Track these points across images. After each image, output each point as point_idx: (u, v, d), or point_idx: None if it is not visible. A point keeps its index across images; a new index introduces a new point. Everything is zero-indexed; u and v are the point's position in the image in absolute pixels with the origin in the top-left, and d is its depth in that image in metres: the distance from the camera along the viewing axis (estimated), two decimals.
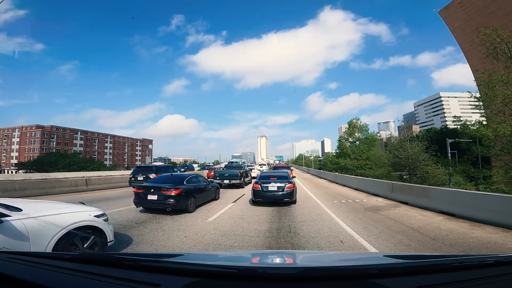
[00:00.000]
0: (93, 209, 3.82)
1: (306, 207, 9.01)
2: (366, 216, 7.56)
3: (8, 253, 1.39)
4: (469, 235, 5.52)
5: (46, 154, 72.90)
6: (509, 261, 1.18)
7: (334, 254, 3.38)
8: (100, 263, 1.25)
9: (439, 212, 7.70)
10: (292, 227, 6.24)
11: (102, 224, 3.65)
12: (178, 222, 6.83)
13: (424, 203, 8.43)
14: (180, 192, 7.75)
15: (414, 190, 9.33)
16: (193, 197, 8.36)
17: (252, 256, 2.31)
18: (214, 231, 5.92)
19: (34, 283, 1.04)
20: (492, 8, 49.03)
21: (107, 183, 15.41)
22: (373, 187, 12.78)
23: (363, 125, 37.37)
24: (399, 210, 8.33)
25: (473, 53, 51.91)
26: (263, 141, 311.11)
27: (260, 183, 9.31)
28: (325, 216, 7.63)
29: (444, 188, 9.52)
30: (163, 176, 9.67)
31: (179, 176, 9.22)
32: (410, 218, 7.22)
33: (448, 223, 6.61)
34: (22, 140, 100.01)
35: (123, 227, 6.23)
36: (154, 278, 1.06)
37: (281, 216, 7.55)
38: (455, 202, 7.31)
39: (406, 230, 6.01)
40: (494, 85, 13.28)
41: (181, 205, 7.74)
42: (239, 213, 8.07)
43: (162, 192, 7.61)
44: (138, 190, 7.96)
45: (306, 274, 1.11)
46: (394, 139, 26.37)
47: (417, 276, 1.09)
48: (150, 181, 9.24)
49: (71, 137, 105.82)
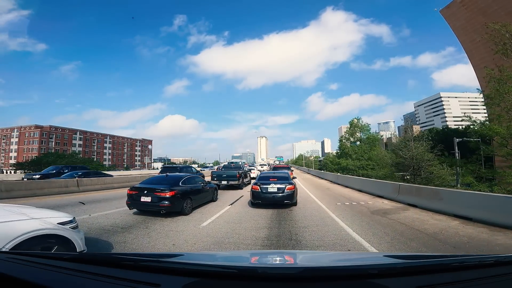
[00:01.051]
0: (59, 215, 3.29)
1: (308, 210, 8.39)
2: (373, 220, 6.94)
3: (8, 253, 1.38)
4: (493, 242, 4.92)
5: (44, 154, 72.16)
6: (509, 261, 1.17)
7: (334, 254, 3.33)
8: (100, 263, 1.25)
9: (452, 215, 7.10)
10: (293, 234, 5.63)
11: (68, 233, 3.02)
12: (168, 227, 6.22)
13: (436, 206, 7.82)
14: (175, 194, 7.24)
15: (424, 192, 8.71)
16: (189, 198, 7.87)
17: (252, 256, 2.29)
18: (207, 238, 5.31)
19: (34, 283, 1.04)
20: (494, 7, 48.46)
21: (100, 184, 14.77)
22: (377, 188, 12.15)
23: (364, 125, 36.71)
24: (409, 214, 7.71)
25: (475, 52, 51.39)
26: (263, 141, 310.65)
27: (259, 184, 8.88)
28: (329, 220, 7.01)
29: (459, 190, 8.90)
30: (158, 177, 9.22)
31: (175, 177, 8.65)
32: (422, 222, 6.61)
33: (465, 228, 6.00)
34: (20, 140, 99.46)
35: (106, 232, 5.65)
36: (154, 278, 1.06)
37: (281, 220, 6.93)
38: (471, 205, 6.70)
39: (421, 236, 5.40)
40: (505, 81, 12.66)
41: (176, 207, 7.26)
42: (236, 217, 7.46)
43: (156, 194, 7.13)
44: (131, 191, 7.51)
45: (306, 274, 1.09)
46: (396, 139, 25.76)
47: (417, 276, 1.08)
48: (144, 181, 8.54)
49: (70, 137, 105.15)
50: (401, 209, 8.51)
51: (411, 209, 8.42)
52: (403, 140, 21.22)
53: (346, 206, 9.35)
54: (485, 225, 6.00)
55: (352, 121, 37.31)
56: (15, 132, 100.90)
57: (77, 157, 71.42)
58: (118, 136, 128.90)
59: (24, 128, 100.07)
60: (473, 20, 51.40)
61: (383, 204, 9.54)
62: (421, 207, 8.35)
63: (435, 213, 7.61)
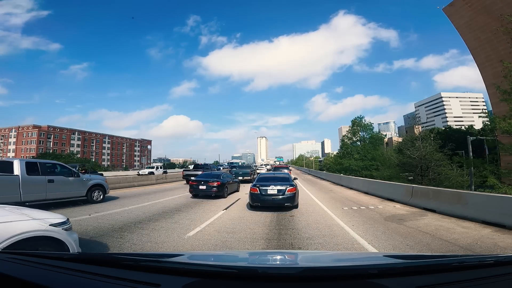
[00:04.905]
0: (52, 216, 3.08)
1: (312, 216, 7.37)
2: (389, 229, 5.92)
3: (8, 253, 1.40)
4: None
5: (41, 154, 71.17)
6: (509, 261, 1.16)
7: (334, 254, 3.30)
8: (100, 263, 1.24)
9: (481, 222, 6.12)
10: (296, 247, 4.63)
11: (61, 234, 2.89)
12: (147, 236, 5.23)
13: (459, 211, 6.81)
14: (220, 184, 10.91)
15: (444, 196, 7.68)
16: (226, 187, 11.36)
17: (252, 256, 2.30)
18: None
19: (34, 283, 1.03)
20: (499, 4, 47.40)
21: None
22: (387, 190, 11.13)
23: (367, 124, 35.54)
24: (429, 220, 6.69)
25: (480, 50, 50.38)
26: (263, 142, 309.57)
27: (258, 186, 8.22)
28: (337, 229, 5.98)
29: (488, 193, 7.89)
30: (207, 173, 13.00)
31: (217, 173, 12.88)
32: (449, 231, 5.59)
33: (503, 237, 5.02)
34: (18, 140, 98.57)
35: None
36: (154, 278, 1.04)
37: (281, 229, 5.90)
38: (505, 210, 5.68)
39: (454, 250, 4.40)
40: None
41: (220, 192, 10.81)
42: (229, 224, 6.43)
43: (209, 184, 10.75)
44: (192, 182, 11.31)
45: (306, 274, 1.08)
46: (399, 139, 24.71)
47: (417, 276, 1.07)
48: (199, 176, 12.39)
49: (68, 137, 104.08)
50: (418, 214, 7.49)
51: (429, 214, 7.40)
52: (410, 139, 20.17)
53: (354, 211, 8.33)
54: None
55: (354, 120, 36.16)
56: (13, 132, 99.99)
57: (74, 157, 70.28)
58: (117, 136, 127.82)
59: (22, 128, 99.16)
60: (477, 18, 50.37)
61: (396, 209, 8.52)
62: (441, 213, 7.34)
63: (459, 219, 6.62)
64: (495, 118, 15.60)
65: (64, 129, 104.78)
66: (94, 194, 9.22)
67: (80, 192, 8.78)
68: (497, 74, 48.30)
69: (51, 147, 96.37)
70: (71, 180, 8.51)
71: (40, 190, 7.61)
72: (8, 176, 7.12)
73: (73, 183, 8.55)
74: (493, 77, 47.73)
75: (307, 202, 10.27)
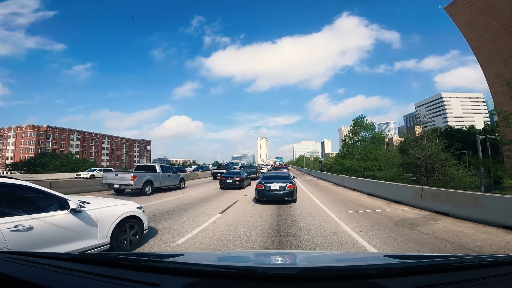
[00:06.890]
0: (135, 203, 4.55)
1: (315, 222, 6.76)
2: (402, 235, 5.34)
3: (8, 253, 1.39)
4: None
5: (39, 155, 70.51)
6: (509, 261, 1.15)
7: (334, 254, 3.30)
8: (100, 263, 1.24)
9: (501, 226, 5.56)
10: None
11: (141, 215, 4.44)
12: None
13: (476, 214, 6.24)
14: (240, 179, 15.01)
15: (458, 198, 7.09)
16: (244, 181, 15.38)
17: (252, 256, 2.26)
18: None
19: (34, 283, 1.03)
20: (501, 3, 46.91)
21: (78, 186, 13.21)
22: (393, 192, 10.53)
23: (369, 124, 34.90)
24: (444, 225, 6.10)
25: (482, 49, 49.85)
26: (263, 142, 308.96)
27: (263, 183, 9.70)
28: (343, 236, 5.40)
29: (509, 196, 7.30)
30: (230, 171, 17.61)
31: (237, 172, 17.16)
32: (469, 237, 5.02)
33: None
34: (17, 140, 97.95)
35: None
36: (154, 278, 1.04)
37: (281, 236, 5.31)
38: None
39: None
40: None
41: (241, 185, 14.88)
42: (225, 230, 5.85)
43: (234, 179, 14.89)
44: (222, 178, 15.48)
45: (306, 274, 1.08)
46: (405, 138, 24.12)
47: (417, 276, 1.06)
48: (225, 173, 16.67)
49: (67, 138, 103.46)
50: (430, 218, 6.90)
51: (443, 218, 6.82)
52: (414, 138, 19.56)
53: (360, 214, 7.75)
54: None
55: (356, 119, 35.50)
56: (11, 132, 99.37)
57: (72, 158, 69.61)
58: (116, 137, 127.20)
59: (21, 128, 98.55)
60: (479, 17, 49.85)
61: (405, 212, 7.94)
62: (455, 216, 6.77)
63: (476, 223, 6.04)
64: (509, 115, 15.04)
65: (63, 129, 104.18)
66: (181, 184, 15.27)
67: (176, 183, 14.55)
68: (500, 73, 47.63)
69: (50, 147, 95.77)
70: (173, 175, 14.37)
71: (165, 181, 13.50)
72: (155, 173, 12.95)
73: (175, 177, 14.45)
74: (495, 76, 47.25)
75: (309, 205, 9.68)
